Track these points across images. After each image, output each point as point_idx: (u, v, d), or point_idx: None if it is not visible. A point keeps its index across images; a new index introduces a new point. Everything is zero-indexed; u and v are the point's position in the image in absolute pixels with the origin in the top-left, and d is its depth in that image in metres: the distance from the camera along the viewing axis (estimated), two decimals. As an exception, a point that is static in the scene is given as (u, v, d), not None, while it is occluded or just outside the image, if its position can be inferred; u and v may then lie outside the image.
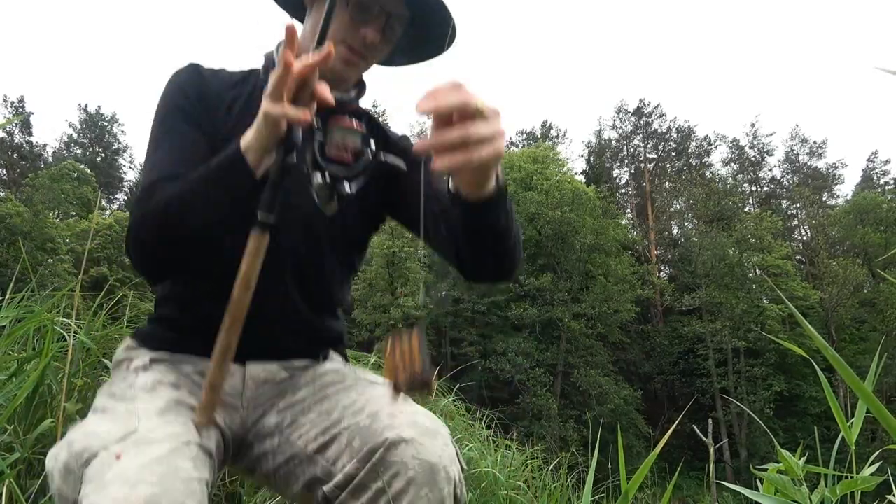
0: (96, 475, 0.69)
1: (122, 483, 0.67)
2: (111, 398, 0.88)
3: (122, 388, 0.89)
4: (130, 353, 0.99)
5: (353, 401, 0.89)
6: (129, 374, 0.93)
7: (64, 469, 0.74)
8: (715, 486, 5.74)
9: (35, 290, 2.02)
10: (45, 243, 23.98)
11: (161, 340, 0.98)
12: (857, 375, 0.66)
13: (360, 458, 0.78)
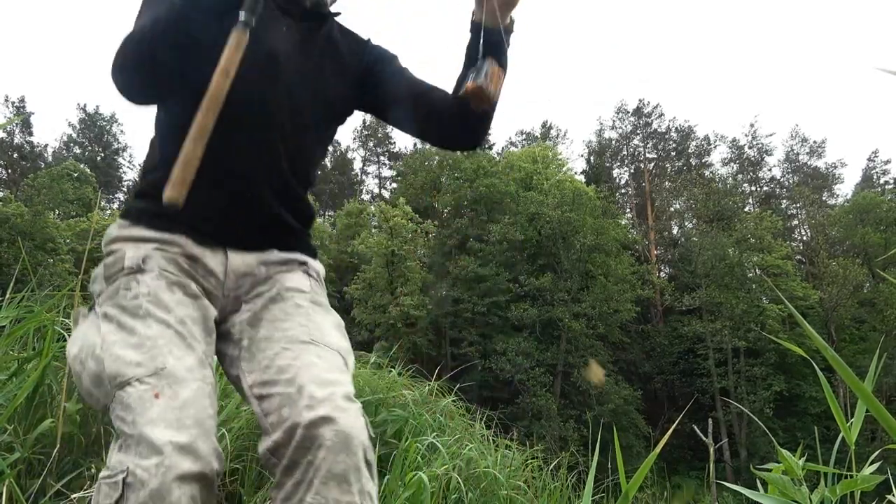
0: (138, 406, 0.84)
1: (166, 425, 0.82)
2: (123, 312, 0.94)
3: (129, 298, 0.95)
4: (122, 241, 1.02)
5: (290, 362, 0.98)
6: (130, 281, 0.97)
7: (94, 377, 0.89)
8: (715, 486, 5.73)
9: (35, 290, 2.02)
10: (45, 243, 23.97)
11: (152, 216, 1.03)
12: (857, 375, 0.66)
13: (285, 429, 0.90)
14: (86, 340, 0.93)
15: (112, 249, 1.03)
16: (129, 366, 0.87)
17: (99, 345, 0.90)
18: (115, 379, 0.87)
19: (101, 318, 0.95)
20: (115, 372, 0.87)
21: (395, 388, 2.72)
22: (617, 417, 22.43)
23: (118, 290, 0.97)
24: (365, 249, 25.95)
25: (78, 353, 0.92)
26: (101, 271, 1.01)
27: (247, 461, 1.97)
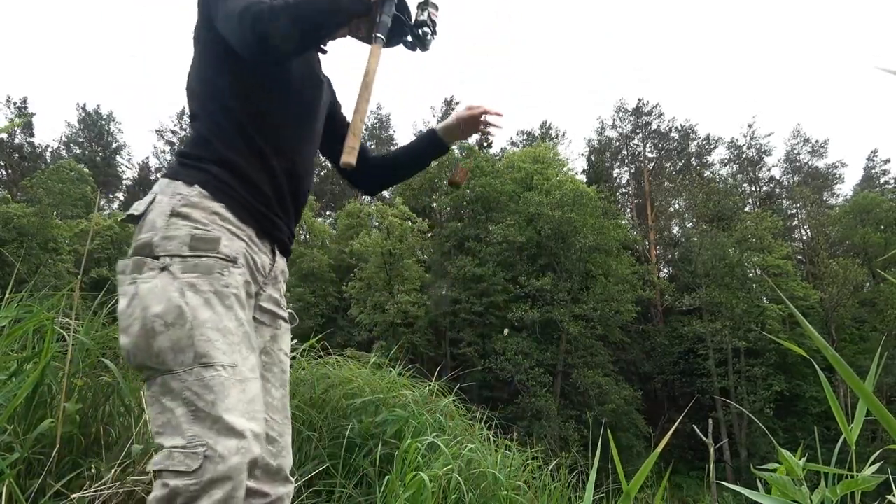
0: (219, 391, 0.96)
1: (240, 414, 0.96)
2: (214, 294, 1.03)
3: (221, 285, 1.04)
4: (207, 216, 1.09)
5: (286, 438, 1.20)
6: (225, 268, 1.06)
7: (177, 344, 0.97)
8: (715, 486, 5.73)
9: (35, 291, 2.02)
10: (47, 243, 23.97)
11: (231, 196, 1.12)
12: (857, 375, 0.66)
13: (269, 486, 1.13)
14: (169, 302, 0.98)
15: (196, 219, 1.07)
16: (217, 351, 0.98)
17: (189, 317, 0.98)
18: (203, 358, 0.96)
19: (187, 287, 1.00)
20: (204, 351, 0.97)
21: (396, 389, 2.72)
22: (617, 417, 22.42)
23: (211, 269, 1.04)
24: (362, 249, 25.95)
25: (162, 312, 0.98)
26: (181, 234, 1.05)
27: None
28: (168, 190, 1.11)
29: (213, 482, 0.91)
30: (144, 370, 1.00)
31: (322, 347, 2.85)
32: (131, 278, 1.03)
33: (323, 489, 2.05)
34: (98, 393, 1.79)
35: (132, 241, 1.09)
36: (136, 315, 0.99)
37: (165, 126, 44.42)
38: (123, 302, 1.02)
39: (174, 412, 0.95)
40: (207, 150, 1.16)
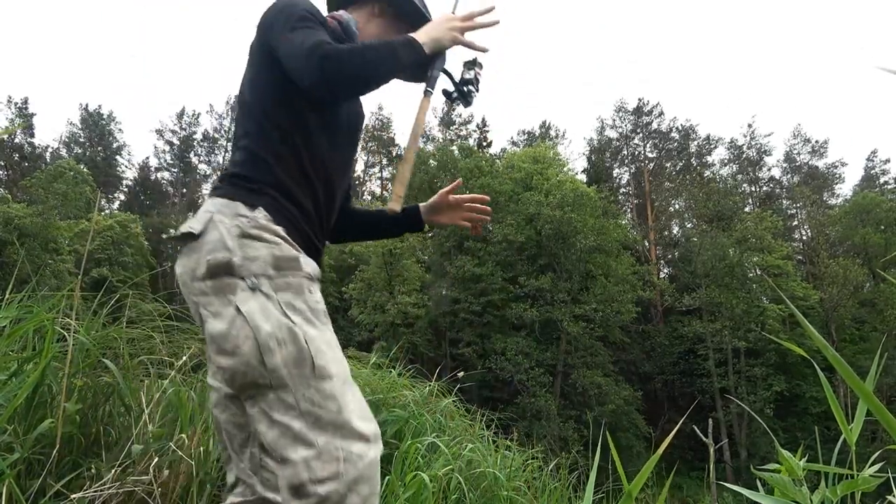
0: (340, 398, 1.03)
1: (360, 417, 1.04)
2: (310, 311, 1.09)
3: (313, 301, 1.11)
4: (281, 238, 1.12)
5: None
6: (311, 285, 1.13)
7: (295, 360, 1.02)
8: (715, 486, 5.73)
9: (35, 291, 2.01)
10: (47, 244, 23.97)
11: (288, 220, 1.17)
12: (857, 376, 0.66)
13: None
14: (278, 321, 1.03)
15: (272, 241, 1.11)
16: (330, 362, 1.05)
17: (300, 333, 1.03)
18: (321, 371, 1.02)
19: (286, 306, 1.05)
20: (322, 364, 1.03)
21: (396, 389, 2.72)
22: (617, 417, 22.41)
23: (301, 288, 1.09)
24: (363, 249, 25.95)
25: (272, 331, 1.02)
26: (262, 254, 1.08)
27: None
28: (227, 211, 1.12)
29: (356, 481, 0.99)
30: (253, 388, 1.03)
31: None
32: (224, 300, 1.05)
33: (323, 489, 2.04)
34: (98, 393, 1.79)
35: (192, 262, 1.10)
36: (246, 334, 1.02)
37: (165, 126, 44.52)
38: (222, 324, 1.04)
39: (290, 426, 0.99)
40: (263, 173, 1.18)
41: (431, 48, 1.30)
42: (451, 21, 1.33)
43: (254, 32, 1.27)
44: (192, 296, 1.11)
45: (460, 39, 1.34)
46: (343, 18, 1.39)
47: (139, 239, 30.15)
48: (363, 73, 1.17)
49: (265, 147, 1.20)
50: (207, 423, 1.71)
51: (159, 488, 1.53)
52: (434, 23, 1.34)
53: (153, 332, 2.26)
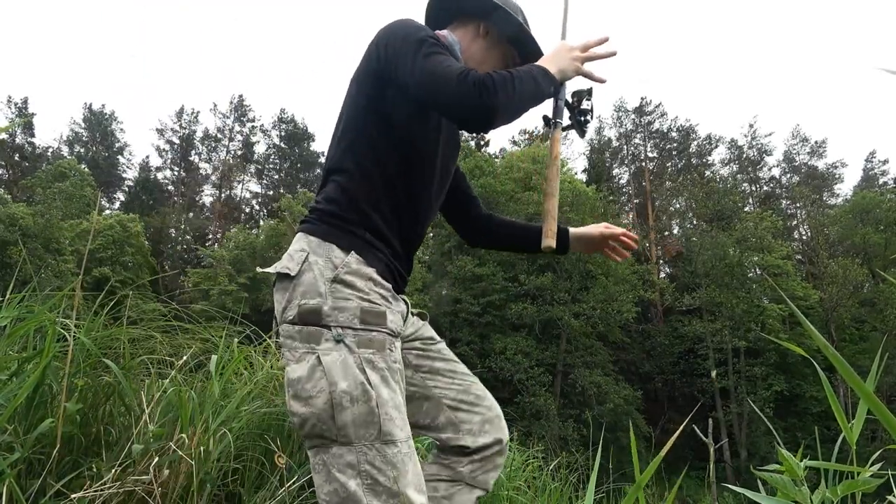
0: (401, 467, 1.04)
1: (415, 489, 1.05)
2: (388, 370, 1.10)
3: (392, 360, 1.12)
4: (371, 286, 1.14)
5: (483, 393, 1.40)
6: (392, 343, 1.13)
7: (363, 421, 1.03)
8: (715, 486, 5.72)
9: (36, 290, 2.02)
10: (49, 244, 23.98)
11: (379, 260, 1.19)
12: (858, 375, 0.66)
13: (493, 439, 1.35)
14: (354, 379, 1.04)
15: (361, 289, 1.12)
16: (397, 428, 1.06)
17: (373, 394, 1.05)
18: (386, 435, 1.04)
19: (366, 363, 1.07)
20: (388, 429, 1.04)
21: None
22: (617, 417, 22.41)
23: (383, 345, 1.10)
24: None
25: (347, 388, 1.04)
26: (351, 306, 1.10)
27: (247, 461, 1.97)
28: (321, 251, 1.14)
29: None
30: (319, 439, 1.05)
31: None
32: (308, 347, 1.08)
33: (323, 489, 2.05)
34: (98, 393, 1.79)
35: (284, 300, 1.13)
36: (322, 387, 1.04)
37: (165, 125, 44.52)
38: (301, 370, 1.07)
39: (346, 485, 1.01)
40: (357, 212, 1.20)
41: (558, 79, 1.30)
42: (573, 51, 1.33)
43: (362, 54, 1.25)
44: (280, 330, 1.15)
45: (582, 70, 1.33)
46: (447, 41, 1.37)
47: (140, 239, 30.17)
48: (515, 101, 1.15)
49: (361, 184, 1.20)
50: (207, 423, 1.72)
51: (159, 488, 1.53)
52: (555, 52, 1.33)
53: (154, 332, 2.26)
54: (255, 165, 46.04)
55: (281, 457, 1.89)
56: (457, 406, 1.34)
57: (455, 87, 1.09)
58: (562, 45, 1.35)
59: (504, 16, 1.39)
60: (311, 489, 2.01)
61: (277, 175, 46.12)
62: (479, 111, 1.10)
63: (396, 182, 1.22)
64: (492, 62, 1.42)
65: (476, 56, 1.40)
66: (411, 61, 1.14)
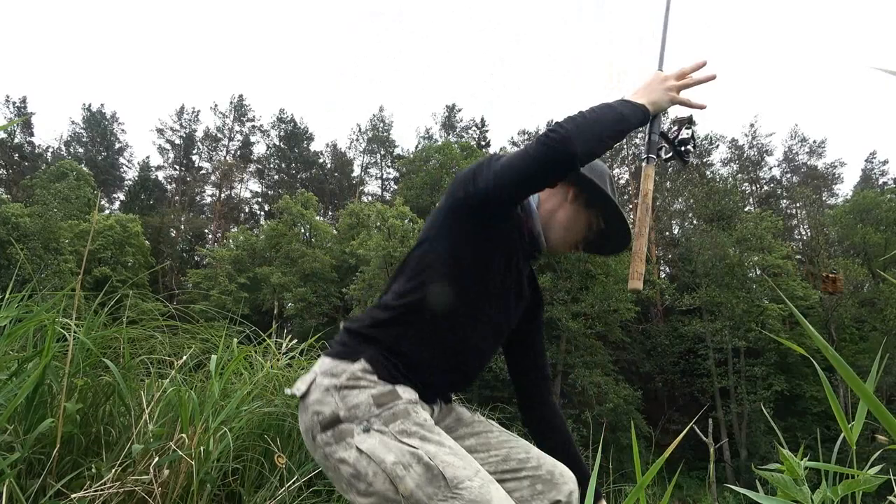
0: (482, 498, 1.05)
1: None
2: (421, 429, 1.12)
3: (420, 419, 1.14)
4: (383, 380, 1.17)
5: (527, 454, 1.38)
6: (414, 408, 1.15)
7: (428, 478, 1.06)
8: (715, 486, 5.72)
9: (36, 290, 2.01)
10: (48, 243, 23.98)
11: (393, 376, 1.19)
12: (857, 375, 0.66)
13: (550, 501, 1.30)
14: (398, 449, 1.08)
15: (367, 383, 1.15)
16: (460, 469, 1.07)
17: (422, 453, 1.07)
18: (454, 481, 1.06)
19: (401, 434, 1.10)
20: (452, 475, 1.06)
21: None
22: (617, 417, 22.40)
23: (407, 413, 1.13)
24: (364, 252, 25.97)
25: (396, 460, 1.07)
26: (362, 399, 1.13)
27: (247, 461, 1.97)
28: (328, 369, 1.18)
29: None
30: None
31: (321, 347, 2.85)
32: (344, 444, 1.11)
33: (323, 489, 2.05)
34: (98, 393, 1.79)
35: (306, 420, 1.17)
36: (374, 471, 1.07)
37: (165, 124, 44.52)
38: (349, 467, 1.10)
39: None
40: (381, 334, 1.21)
41: (651, 111, 1.28)
42: (666, 81, 1.30)
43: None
44: (316, 453, 1.17)
45: (678, 99, 1.31)
46: None
47: (140, 239, 30.17)
48: (591, 132, 1.14)
49: (397, 314, 1.22)
50: (208, 423, 1.71)
51: (159, 488, 1.52)
52: (648, 83, 1.31)
53: (154, 332, 2.26)
54: (255, 165, 46.07)
55: (281, 457, 1.88)
56: (501, 479, 1.30)
57: (532, 156, 1.12)
58: (655, 76, 1.33)
59: (592, 186, 1.38)
60: (310, 489, 2.01)
61: (277, 175, 46.13)
62: (561, 163, 1.12)
63: (437, 321, 1.22)
64: (578, 227, 1.43)
65: (562, 221, 1.41)
66: (486, 169, 1.18)
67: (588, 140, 1.13)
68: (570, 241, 1.44)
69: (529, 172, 1.13)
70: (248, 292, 28.53)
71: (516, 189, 1.17)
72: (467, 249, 1.24)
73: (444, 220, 1.25)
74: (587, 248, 1.49)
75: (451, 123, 42.27)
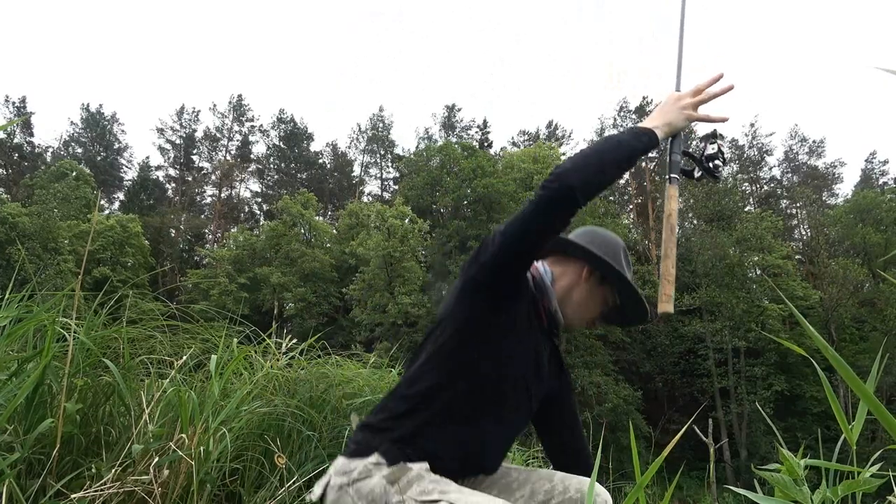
0: None
1: None
2: (439, 483, 1.12)
3: (436, 478, 1.13)
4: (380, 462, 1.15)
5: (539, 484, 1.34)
6: (423, 471, 1.14)
7: None
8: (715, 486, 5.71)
9: (36, 290, 2.01)
10: (46, 243, 23.97)
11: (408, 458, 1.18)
12: (857, 376, 0.66)
13: None
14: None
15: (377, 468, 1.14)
16: (487, 502, 1.08)
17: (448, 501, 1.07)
18: None
19: (420, 495, 1.09)
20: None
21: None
22: (617, 417, 22.41)
23: (421, 476, 1.13)
24: (364, 252, 25.96)
25: None
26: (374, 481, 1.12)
27: (247, 461, 1.97)
28: (341, 469, 1.18)
29: None
30: None
31: (321, 347, 2.85)
32: None
33: (323, 489, 2.04)
34: (98, 393, 1.79)
35: None
36: None
37: (165, 124, 44.52)
38: None
39: None
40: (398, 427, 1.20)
41: (666, 132, 1.30)
42: (681, 100, 1.31)
43: None
44: None
45: (695, 116, 1.32)
46: (539, 272, 1.39)
47: (140, 239, 30.17)
48: (593, 167, 1.15)
49: (416, 405, 1.20)
50: (208, 423, 1.71)
51: (159, 488, 1.52)
52: (663, 105, 1.32)
53: (154, 332, 2.26)
54: (255, 165, 46.06)
55: (281, 457, 1.88)
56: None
57: (532, 203, 1.14)
58: (669, 97, 1.33)
59: (604, 265, 1.39)
60: (310, 490, 2.01)
61: (277, 175, 46.12)
62: (559, 199, 1.12)
63: (452, 411, 1.20)
64: (594, 304, 1.43)
65: (578, 298, 1.41)
66: (492, 235, 1.20)
67: (585, 172, 1.13)
68: (587, 317, 1.44)
69: (533, 217, 1.14)
70: (248, 292, 28.52)
71: (524, 238, 1.16)
72: (481, 335, 1.22)
73: (458, 302, 1.24)
74: (605, 321, 1.50)
75: (450, 123, 42.27)
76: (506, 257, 1.17)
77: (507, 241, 1.15)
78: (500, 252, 1.16)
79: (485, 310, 1.21)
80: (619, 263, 1.41)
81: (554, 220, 1.15)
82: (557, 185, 1.11)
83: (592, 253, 1.38)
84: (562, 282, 1.41)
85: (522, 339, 1.28)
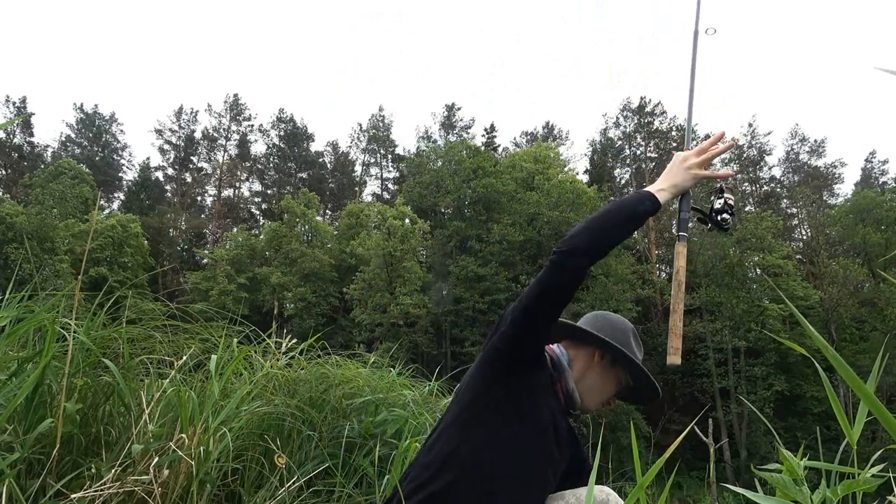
0: None
1: None
2: None
3: None
4: None
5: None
6: None
7: None
8: (715, 486, 5.73)
9: (36, 290, 2.01)
10: (43, 243, 23.96)
11: None
12: (857, 376, 0.65)
13: None
14: None
15: None
16: None
17: None
18: None
19: None
20: None
21: (395, 388, 2.71)
22: (617, 417, 22.40)
23: None
24: (364, 251, 25.95)
25: None
26: None
27: (247, 461, 1.97)
28: None
29: None
30: None
31: (321, 347, 2.85)
32: None
33: (323, 489, 2.05)
34: (98, 393, 1.79)
35: None
36: None
37: (164, 125, 44.50)
38: None
39: None
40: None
41: (672, 193, 1.37)
42: (687, 160, 1.38)
43: None
44: None
45: (701, 175, 1.39)
46: (555, 353, 1.48)
47: (139, 239, 30.16)
48: (597, 234, 1.24)
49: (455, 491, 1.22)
50: (207, 423, 1.71)
51: (159, 488, 1.52)
52: (670, 167, 1.39)
53: (153, 332, 2.25)
54: (255, 165, 46.03)
55: (281, 457, 1.88)
56: None
57: (544, 270, 1.22)
58: (675, 159, 1.40)
59: (615, 350, 1.46)
60: (310, 489, 2.01)
61: (277, 175, 46.11)
62: (565, 260, 1.21)
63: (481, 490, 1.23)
64: (607, 386, 1.51)
65: (592, 381, 1.49)
66: (511, 306, 1.28)
67: (590, 235, 1.23)
68: (603, 399, 1.52)
69: (548, 279, 1.22)
70: (247, 292, 28.52)
71: (542, 299, 1.23)
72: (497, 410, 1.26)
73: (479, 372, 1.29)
74: (620, 399, 1.58)
75: (450, 123, 42.24)
76: (526, 320, 1.23)
77: (525, 305, 1.23)
78: (520, 317, 1.23)
79: (507, 377, 1.27)
80: (628, 347, 1.48)
81: (567, 281, 1.23)
82: (567, 251, 1.21)
83: (603, 339, 1.46)
84: (577, 365, 1.48)
85: (540, 415, 1.33)
